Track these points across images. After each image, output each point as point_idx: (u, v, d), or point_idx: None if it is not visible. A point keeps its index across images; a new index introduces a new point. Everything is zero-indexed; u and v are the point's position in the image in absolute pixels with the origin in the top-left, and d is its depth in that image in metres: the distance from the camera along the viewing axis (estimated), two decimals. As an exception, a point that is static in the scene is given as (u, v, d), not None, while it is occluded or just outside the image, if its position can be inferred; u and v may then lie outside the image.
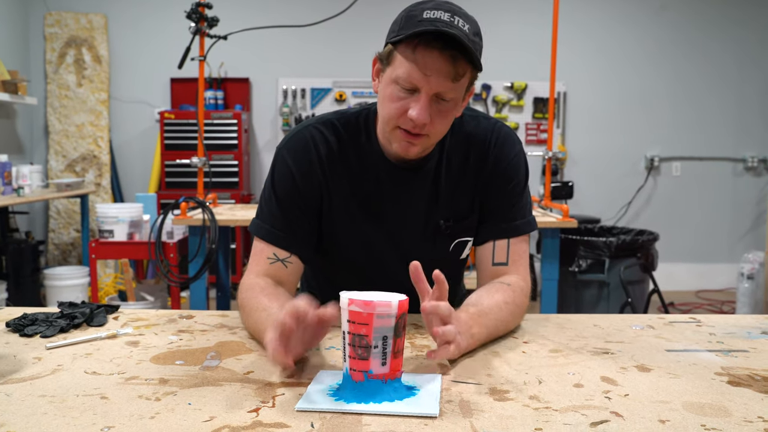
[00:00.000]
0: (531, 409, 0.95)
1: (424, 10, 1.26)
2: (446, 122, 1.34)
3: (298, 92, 6.32)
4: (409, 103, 1.28)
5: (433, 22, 1.23)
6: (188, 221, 3.44)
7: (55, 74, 6.15)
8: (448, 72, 1.25)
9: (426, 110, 1.27)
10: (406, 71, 1.26)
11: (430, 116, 1.29)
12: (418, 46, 1.24)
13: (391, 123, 1.33)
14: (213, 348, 1.24)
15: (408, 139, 1.33)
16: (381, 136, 1.43)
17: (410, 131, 1.31)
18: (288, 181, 1.45)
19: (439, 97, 1.28)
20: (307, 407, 0.94)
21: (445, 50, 1.23)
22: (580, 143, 6.48)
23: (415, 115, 1.27)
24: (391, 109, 1.31)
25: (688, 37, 6.45)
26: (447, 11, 1.25)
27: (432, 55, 1.23)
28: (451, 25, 1.23)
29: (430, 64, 1.24)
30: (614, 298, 4.44)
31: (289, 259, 1.43)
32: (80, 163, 6.17)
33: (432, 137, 1.34)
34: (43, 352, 1.20)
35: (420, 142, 1.33)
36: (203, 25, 3.67)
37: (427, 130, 1.31)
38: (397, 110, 1.30)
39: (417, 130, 1.30)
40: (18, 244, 5.00)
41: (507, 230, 1.48)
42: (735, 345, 1.29)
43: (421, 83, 1.26)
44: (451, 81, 1.26)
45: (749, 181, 6.57)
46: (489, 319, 1.27)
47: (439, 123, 1.32)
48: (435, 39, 1.22)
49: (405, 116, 1.29)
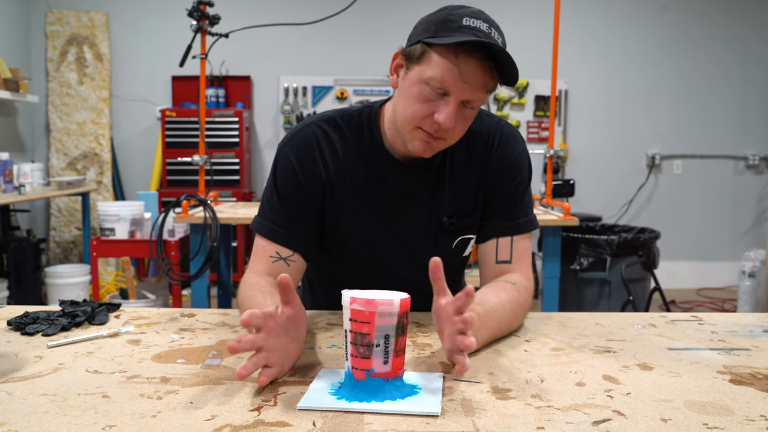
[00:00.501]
0: (533, 407, 0.95)
1: (464, 17, 1.26)
2: (466, 127, 1.35)
3: (300, 90, 6.32)
4: (436, 106, 1.28)
5: (474, 31, 1.24)
6: (189, 219, 3.44)
7: (56, 72, 6.15)
8: (485, 82, 1.26)
9: (453, 116, 1.27)
10: (441, 74, 1.25)
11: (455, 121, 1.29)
12: (460, 53, 1.24)
13: (414, 123, 1.32)
14: (215, 346, 1.24)
15: (428, 140, 1.33)
16: (391, 132, 1.43)
17: (432, 134, 1.31)
18: (290, 179, 1.44)
19: (466, 104, 1.29)
20: (309, 406, 0.94)
21: (485, 61, 1.24)
22: (582, 141, 6.48)
23: (442, 119, 1.27)
24: (417, 109, 1.30)
25: (689, 36, 6.44)
26: (485, 21, 1.26)
27: (473, 64, 1.24)
28: (489, 36, 1.24)
29: (469, 72, 1.24)
30: (616, 297, 4.44)
31: (291, 257, 1.43)
32: (81, 161, 6.17)
33: (450, 141, 1.35)
34: (45, 350, 1.20)
35: (439, 144, 1.34)
36: (205, 23, 3.66)
37: (449, 135, 1.32)
38: (422, 111, 1.29)
39: (440, 134, 1.31)
40: (19, 242, 5.01)
41: (510, 228, 1.48)
42: (737, 343, 1.29)
43: (454, 89, 1.26)
44: (485, 91, 1.28)
45: (750, 179, 6.57)
46: (493, 319, 1.27)
47: (460, 128, 1.33)
48: (477, 48, 1.23)
49: (430, 119, 1.29)
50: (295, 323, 1.10)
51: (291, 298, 1.08)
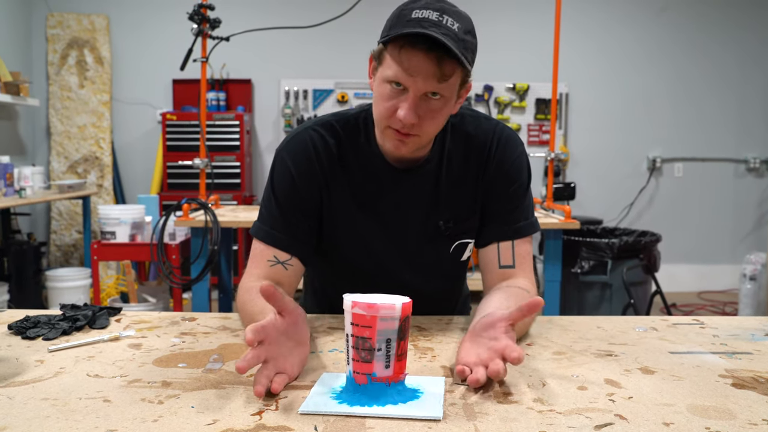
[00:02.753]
0: (535, 411, 0.95)
1: (414, 10, 1.25)
2: (437, 121, 1.32)
3: (300, 93, 6.32)
4: (398, 102, 1.28)
5: (420, 22, 1.22)
6: (190, 223, 3.44)
7: (57, 75, 6.16)
8: (434, 73, 1.24)
9: (412, 111, 1.27)
10: (393, 72, 1.26)
11: (419, 116, 1.28)
12: (404, 47, 1.24)
13: (384, 122, 1.33)
14: (216, 350, 1.24)
15: (398, 138, 1.32)
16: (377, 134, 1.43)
17: (399, 131, 1.31)
18: (287, 183, 1.45)
19: (429, 96, 1.28)
20: (311, 410, 0.94)
21: (431, 51, 1.22)
22: (583, 144, 6.48)
23: (402, 115, 1.27)
24: (382, 108, 1.31)
25: (690, 38, 6.45)
26: (436, 10, 1.24)
27: (417, 57, 1.23)
28: (438, 24, 1.22)
29: (415, 65, 1.24)
30: (617, 300, 4.44)
31: (289, 261, 1.43)
32: (82, 164, 6.17)
33: (423, 136, 1.34)
34: (46, 354, 1.20)
35: (410, 141, 1.33)
36: (205, 26, 3.67)
37: (416, 130, 1.31)
38: (387, 110, 1.30)
39: (406, 129, 1.30)
40: (20, 246, 5.00)
41: (511, 232, 1.47)
42: (739, 347, 1.29)
43: (407, 83, 1.26)
44: (437, 82, 1.25)
45: (751, 182, 6.57)
46: (518, 328, 1.26)
47: (429, 122, 1.31)
48: (420, 39, 1.22)
49: (395, 116, 1.29)
50: (295, 326, 1.10)
51: (281, 304, 1.08)
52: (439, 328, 1.42)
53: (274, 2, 6.30)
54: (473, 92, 6.33)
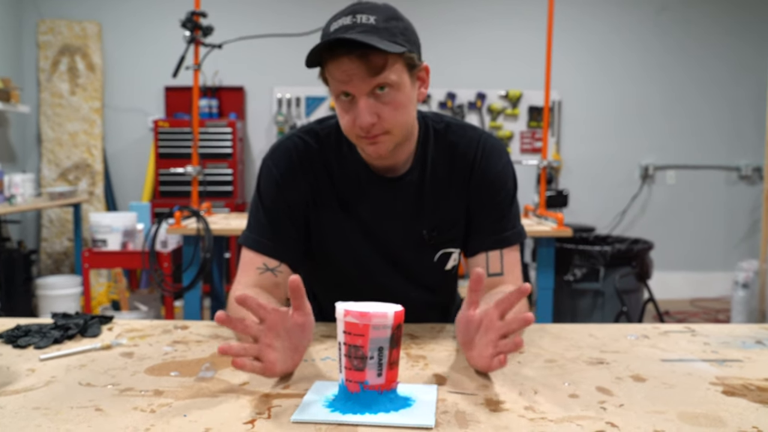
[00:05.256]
0: (526, 419, 0.95)
1: (331, 24, 1.29)
2: (399, 111, 1.32)
3: (293, 101, 6.33)
4: (353, 111, 1.30)
5: (336, 32, 1.26)
6: (182, 231, 3.43)
7: (48, 82, 6.14)
8: (364, 71, 1.25)
9: (365, 112, 1.28)
10: (334, 86, 1.30)
11: (376, 114, 1.29)
12: (329, 61, 1.27)
13: (352, 135, 1.35)
14: (208, 359, 1.24)
15: (370, 142, 1.33)
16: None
17: (367, 136, 1.32)
18: (273, 190, 1.46)
19: (376, 92, 1.29)
20: (303, 418, 0.94)
21: (351, 53, 1.24)
22: (575, 152, 6.50)
23: (359, 122, 1.29)
24: (344, 122, 1.33)
25: (682, 46, 6.48)
26: (349, 14, 1.27)
27: (342, 63, 1.26)
28: (353, 26, 1.25)
29: (344, 71, 1.26)
30: (609, 307, 4.45)
31: (278, 268, 1.43)
32: (73, 171, 6.15)
33: (393, 130, 1.33)
34: (37, 363, 1.19)
35: (383, 140, 1.33)
36: (198, 34, 3.67)
37: (381, 128, 1.31)
38: (348, 123, 1.32)
39: (371, 132, 1.31)
40: (10, 254, 4.98)
41: (499, 241, 1.48)
42: (729, 355, 1.30)
43: (348, 88, 1.28)
44: (371, 77, 1.26)
45: (743, 190, 6.60)
46: None
47: (390, 114, 1.31)
48: (338, 46, 1.25)
49: (356, 125, 1.30)
50: (301, 331, 1.10)
51: (302, 303, 1.09)
52: (432, 336, 1.42)
53: (266, 10, 6.31)
54: (466, 100, 6.34)
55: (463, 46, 6.31)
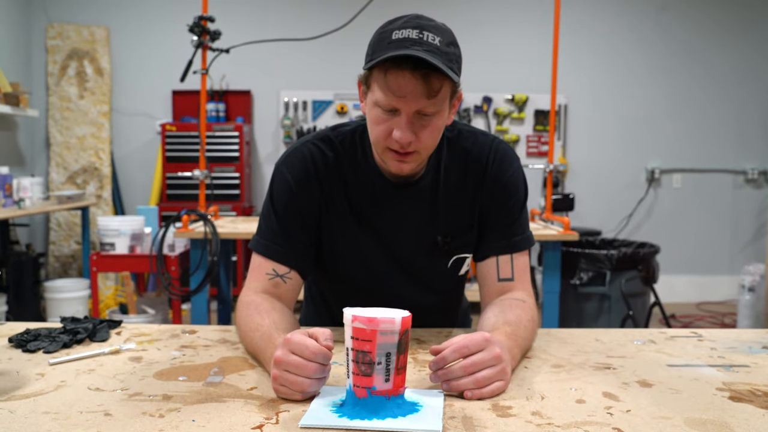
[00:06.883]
0: (533, 425, 0.95)
1: (393, 31, 1.26)
2: (434, 135, 1.33)
3: (300, 105, 6.34)
4: (392, 124, 1.30)
5: (402, 42, 1.23)
6: (190, 234, 3.44)
7: (56, 86, 6.17)
8: (422, 91, 1.25)
9: (408, 130, 1.28)
10: (382, 95, 1.27)
11: (415, 133, 1.29)
12: (389, 71, 1.25)
13: (381, 145, 1.34)
14: (216, 363, 1.24)
15: (399, 158, 1.34)
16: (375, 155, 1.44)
17: (398, 151, 1.32)
18: (286, 196, 1.46)
19: (421, 113, 1.29)
20: (311, 424, 0.94)
21: (416, 71, 1.23)
22: (581, 155, 6.50)
23: (398, 136, 1.28)
24: (377, 132, 1.32)
25: (689, 50, 6.47)
26: (415, 27, 1.25)
27: (403, 78, 1.24)
28: (420, 42, 1.23)
29: (402, 86, 1.25)
30: (615, 311, 4.44)
31: (288, 274, 1.44)
32: (81, 175, 6.18)
33: (422, 152, 1.35)
34: (46, 368, 1.20)
35: (411, 159, 1.34)
36: (205, 38, 3.68)
37: (414, 147, 1.32)
38: (382, 132, 1.31)
39: (404, 149, 1.31)
40: (18, 257, 5.00)
41: (509, 246, 1.48)
42: (736, 360, 1.30)
43: (398, 105, 1.27)
44: (426, 99, 1.26)
45: (750, 193, 6.58)
46: (520, 337, 1.28)
47: (426, 137, 1.32)
48: (404, 60, 1.23)
49: (391, 138, 1.30)
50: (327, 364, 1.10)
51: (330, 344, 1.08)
52: (439, 341, 1.42)
53: (274, 14, 6.33)
54: (472, 104, 6.35)
55: (469, 50, 6.26)
